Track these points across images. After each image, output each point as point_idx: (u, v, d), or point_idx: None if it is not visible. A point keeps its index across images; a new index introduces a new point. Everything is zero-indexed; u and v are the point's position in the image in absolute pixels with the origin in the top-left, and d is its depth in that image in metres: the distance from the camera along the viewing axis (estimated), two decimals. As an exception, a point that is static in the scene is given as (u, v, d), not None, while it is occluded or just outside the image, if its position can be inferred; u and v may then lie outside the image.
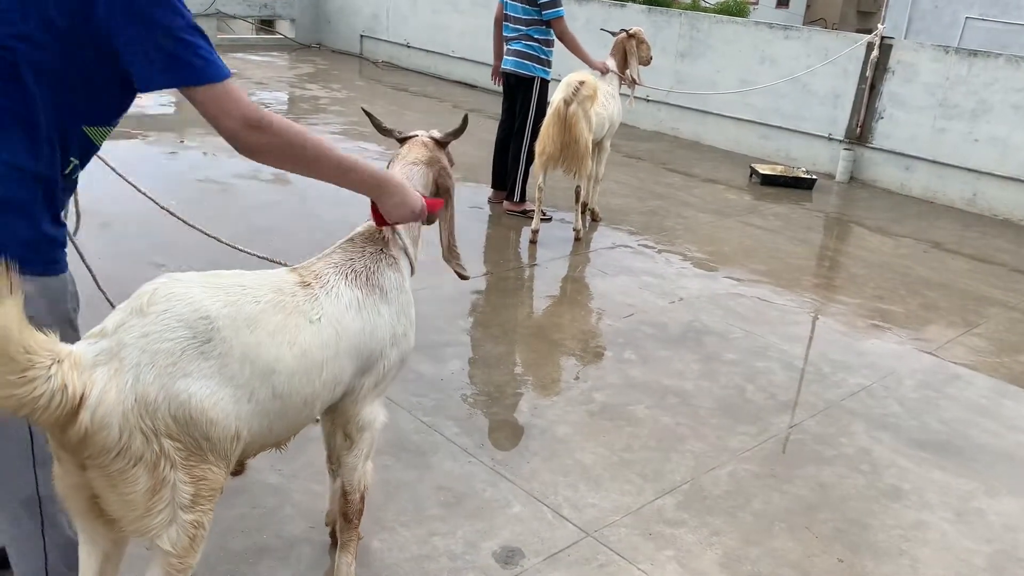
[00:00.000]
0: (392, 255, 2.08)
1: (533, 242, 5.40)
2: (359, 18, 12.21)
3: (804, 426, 3.47)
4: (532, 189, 5.56)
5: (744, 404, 3.59)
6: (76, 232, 2.06)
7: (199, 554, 1.64)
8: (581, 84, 5.14)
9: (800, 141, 8.24)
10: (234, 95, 1.59)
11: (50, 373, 1.37)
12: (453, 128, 2.27)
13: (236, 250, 2.66)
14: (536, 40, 5.69)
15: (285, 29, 12.78)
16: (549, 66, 5.80)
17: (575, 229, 5.52)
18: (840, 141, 7.95)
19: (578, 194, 5.55)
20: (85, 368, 1.45)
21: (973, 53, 7.29)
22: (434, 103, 9.55)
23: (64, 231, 1.67)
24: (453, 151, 2.33)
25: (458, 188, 2.36)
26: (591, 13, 9.40)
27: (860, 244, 6.15)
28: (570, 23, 5.86)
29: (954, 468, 3.26)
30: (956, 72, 7.24)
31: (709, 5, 22.96)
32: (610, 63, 5.85)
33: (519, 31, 5.71)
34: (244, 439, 1.67)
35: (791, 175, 7.56)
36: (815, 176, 7.63)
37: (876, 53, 7.60)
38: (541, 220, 5.48)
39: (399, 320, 2.05)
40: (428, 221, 2.15)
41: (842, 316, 4.68)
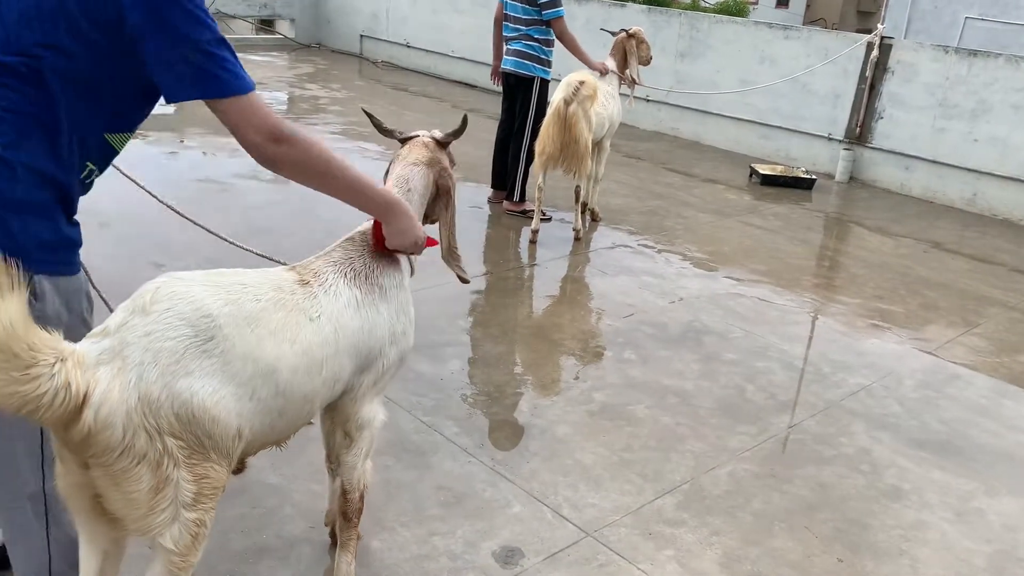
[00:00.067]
0: (392, 254, 2.08)
1: (533, 242, 5.40)
2: (359, 18, 12.21)
3: (804, 426, 3.47)
4: (532, 189, 5.56)
5: (744, 404, 3.59)
6: None
7: (200, 552, 1.64)
8: (581, 84, 5.15)
9: (800, 141, 8.24)
10: (259, 107, 1.62)
11: (54, 371, 1.37)
12: (454, 128, 2.27)
13: (236, 248, 2.66)
14: (536, 40, 5.69)
15: (285, 29, 12.79)
16: (549, 66, 5.80)
17: (575, 229, 5.53)
18: (840, 141, 7.96)
19: (578, 194, 5.55)
20: (88, 367, 1.45)
21: (973, 53, 7.29)
22: (434, 103, 9.55)
23: (79, 232, 1.68)
24: (453, 151, 2.34)
25: (458, 188, 2.36)
26: (591, 13, 9.40)
27: (860, 244, 6.15)
28: (570, 23, 5.87)
29: (954, 468, 3.26)
30: (956, 72, 7.24)
31: (709, 5, 22.97)
32: (610, 63, 5.85)
33: (519, 31, 5.71)
34: (246, 437, 1.67)
35: (791, 175, 7.56)
36: (815, 176, 7.63)
37: (876, 53, 7.61)
38: (541, 220, 5.49)
39: (398, 319, 2.05)
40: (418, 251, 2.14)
41: (842, 316, 4.69)
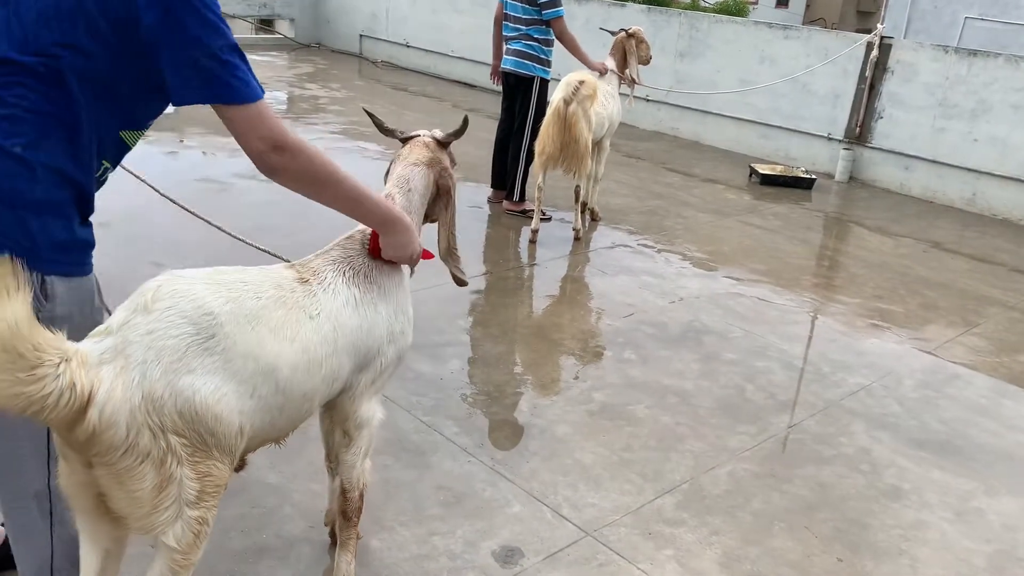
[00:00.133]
0: None
1: (533, 242, 5.40)
2: (358, 18, 12.21)
3: (803, 426, 3.47)
4: (532, 189, 5.56)
5: (744, 404, 3.59)
6: None
7: (202, 551, 1.65)
8: (581, 84, 5.15)
9: (799, 141, 8.25)
10: (265, 116, 1.62)
11: (59, 371, 1.36)
12: (454, 128, 2.28)
13: (235, 247, 2.66)
14: (536, 40, 5.69)
15: (284, 29, 12.78)
16: (549, 66, 5.80)
17: (575, 229, 5.53)
18: (839, 141, 7.96)
19: (578, 194, 5.55)
20: (92, 366, 1.45)
21: (973, 53, 7.29)
22: (434, 103, 9.55)
23: (92, 232, 1.69)
24: (453, 151, 2.33)
25: (458, 188, 2.36)
26: (591, 13, 9.40)
27: (860, 244, 6.15)
28: (569, 23, 5.87)
29: (954, 468, 3.26)
30: (955, 72, 7.24)
31: (708, 5, 22.98)
32: (609, 63, 5.85)
33: (519, 30, 5.71)
34: (247, 434, 1.68)
35: (790, 175, 7.56)
36: (814, 176, 7.63)
37: (875, 53, 7.61)
38: (541, 220, 5.49)
39: (396, 318, 2.05)
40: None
41: (841, 316, 4.69)
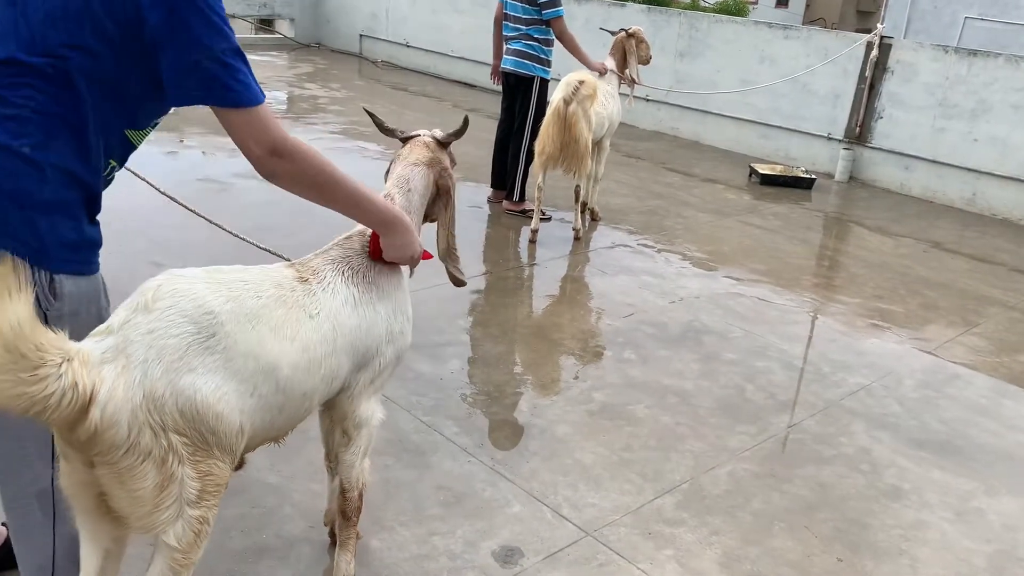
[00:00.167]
0: None
1: (532, 242, 5.40)
2: (358, 17, 12.21)
3: (803, 426, 3.47)
4: (531, 189, 5.56)
5: (744, 404, 3.59)
6: None
7: (202, 550, 1.65)
8: (581, 83, 5.15)
9: (799, 141, 8.25)
10: (265, 121, 1.63)
11: (61, 371, 1.36)
12: (455, 128, 2.28)
13: (235, 247, 2.66)
14: (536, 40, 5.69)
15: (284, 29, 12.78)
16: (549, 66, 5.80)
17: (575, 229, 5.53)
18: (839, 141, 7.96)
19: (577, 193, 5.55)
20: (93, 365, 1.45)
21: (972, 53, 7.29)
22: (434, 102, 9.55)
23: (99, 231, 1.69)
24: (453, 151, 2.34)
25: (458, 188, 2.36)
26: (590, 12, 9.40)
27: (860, 244, 6.15)
28: (569, 23, 5.87)
29: (954, 468, 3.26)
30: (955, 72, 7.24)
31: (708, 5, 22.98)
32: (609, 62, 5.85)
33: (519, 30, 5.71)
34: (248, 433, 1.68)
35: (790, 175, 7.56)
36: (814, 176, 7.63)
37: (875, 53, 7.61)
38: (540, 220, 5.48)
39: (395, 317, 2.05)
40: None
41: (841, 316, 4.69)
